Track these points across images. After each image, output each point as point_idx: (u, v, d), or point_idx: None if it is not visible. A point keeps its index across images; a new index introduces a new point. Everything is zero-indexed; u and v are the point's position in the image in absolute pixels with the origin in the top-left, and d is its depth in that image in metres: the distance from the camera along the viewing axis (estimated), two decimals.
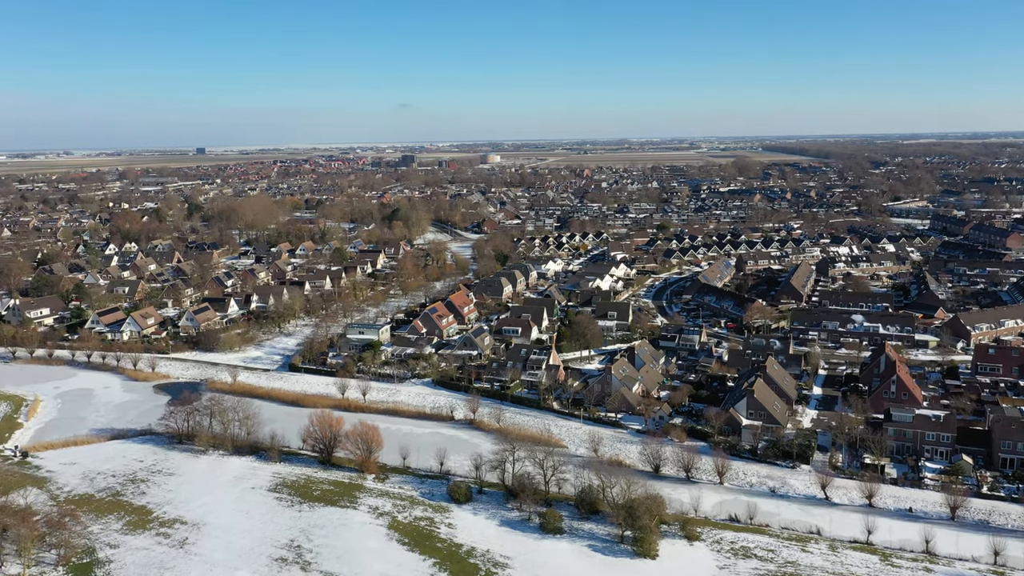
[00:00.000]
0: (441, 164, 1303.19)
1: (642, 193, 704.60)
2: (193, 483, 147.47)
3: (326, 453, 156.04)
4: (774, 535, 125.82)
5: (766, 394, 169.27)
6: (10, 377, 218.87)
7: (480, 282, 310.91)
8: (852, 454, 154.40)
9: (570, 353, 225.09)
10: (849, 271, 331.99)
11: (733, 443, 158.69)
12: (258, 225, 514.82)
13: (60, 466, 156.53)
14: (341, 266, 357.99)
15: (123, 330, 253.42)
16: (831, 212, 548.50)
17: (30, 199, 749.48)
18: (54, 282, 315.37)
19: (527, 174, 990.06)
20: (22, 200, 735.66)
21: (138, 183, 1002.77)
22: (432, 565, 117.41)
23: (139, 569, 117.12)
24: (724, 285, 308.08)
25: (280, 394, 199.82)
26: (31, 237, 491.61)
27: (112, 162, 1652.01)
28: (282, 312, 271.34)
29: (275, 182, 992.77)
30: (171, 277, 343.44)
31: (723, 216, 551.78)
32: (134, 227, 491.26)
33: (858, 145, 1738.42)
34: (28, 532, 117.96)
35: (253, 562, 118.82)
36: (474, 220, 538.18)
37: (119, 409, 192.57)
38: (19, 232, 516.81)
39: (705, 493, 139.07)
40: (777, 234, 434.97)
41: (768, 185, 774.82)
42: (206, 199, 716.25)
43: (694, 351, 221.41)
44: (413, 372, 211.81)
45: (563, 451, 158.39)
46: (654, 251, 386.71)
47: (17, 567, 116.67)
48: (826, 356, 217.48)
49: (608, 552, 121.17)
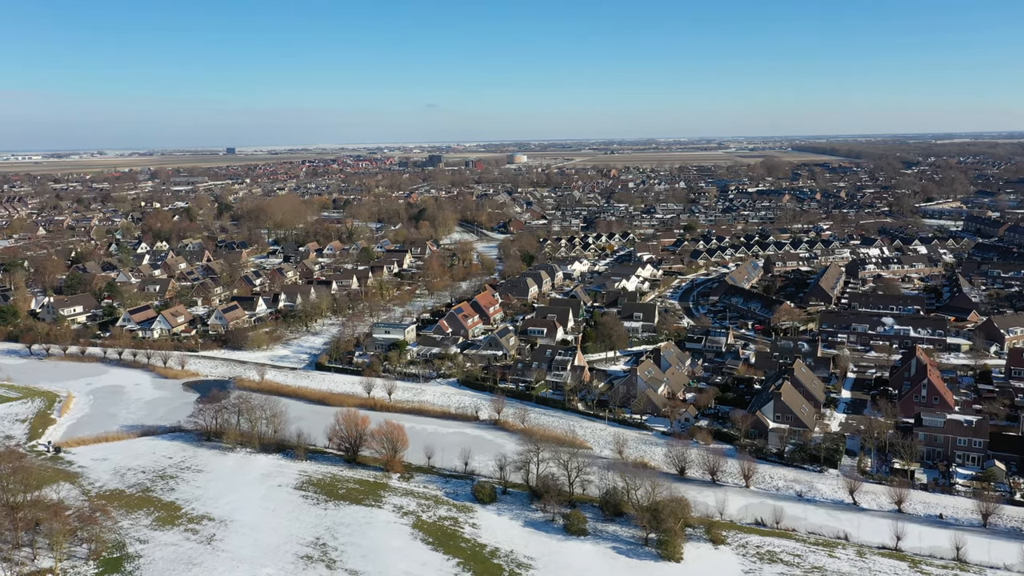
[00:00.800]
0: (468, 164, 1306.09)
1: (669, 193, 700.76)
2: (221, 480, 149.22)
3: (352, 452, 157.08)
4: (800, 540, 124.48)
5: (793, 397, 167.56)
6: (44, 373, 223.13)
7: (506, 282, 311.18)
8: (881, 459, 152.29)
9: (595, 354, 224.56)
10: (880, 273, 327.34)
11: (759, 446, 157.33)
12: (287, 224, 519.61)
13: (92, 462, 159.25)
14: (368, 266, 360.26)
15: (154, 328, 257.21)
16: (861, 213, 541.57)
17: (64, 198, 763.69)
18: (87, 280, 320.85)
19: (554, 174, 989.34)
20: (57, 199, 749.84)
21: (169, 183, 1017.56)
22: (456, 565, 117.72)
23: (167, 564, 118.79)
24: (752, 287, 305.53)
25: (307, 392, 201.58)
26: (65, 236, 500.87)
27: (144, 162, 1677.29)
28: (309, 311, 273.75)
29: (304, 182, 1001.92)
30: (201, 276, 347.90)
31: (751, 217, 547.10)
32: (165, 226, 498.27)
33: (889, 145, 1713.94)
34: (60, 526, 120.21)
35: (279, 559, 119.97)
36: (500, 220, 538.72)
37: (149, 406, 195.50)
38: (54, 231, 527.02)
39: (731, 496, 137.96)
40: (806, 235, 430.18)
41: (797, 185, 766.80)
42: (236, 199, 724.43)
43: (720, 353, 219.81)
44: (438, 372, 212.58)
45: (588, 452, 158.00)
46: (681, 252, 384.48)
47: (49, 561, 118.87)
48: (855, 359, 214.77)
49: (632, 554, 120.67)
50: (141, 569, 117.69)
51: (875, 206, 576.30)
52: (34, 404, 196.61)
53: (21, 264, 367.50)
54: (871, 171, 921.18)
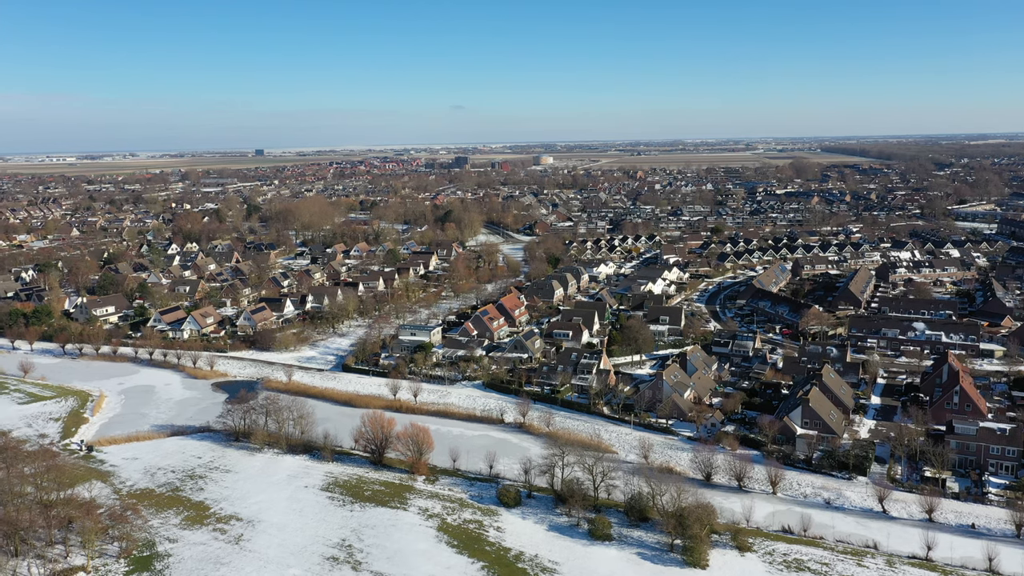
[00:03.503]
0: (494, 165, 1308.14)
1: (696, 195, 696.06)
2: (249, 481, 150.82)
3: (377, 454, 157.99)
4: (828, 548, 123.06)
5: (822, 403, 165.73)
6: (77, 373, 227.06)
7: (531, 285, 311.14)
8: (912, 467, 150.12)
9: (621, 357, 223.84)
10: (911, 277, 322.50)
11: (787, 452, 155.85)
12: (314, 226, 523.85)
13: (123, 460, 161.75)
14: (394, 267, 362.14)
15: (184, 328, 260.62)
16: (892, 215, 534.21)
17: (98, 199, 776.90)
18: (119, 281, 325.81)
19: (580, 176, 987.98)
20: (90, 200, 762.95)
21: (199, 184, 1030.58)
22: (481, 568, 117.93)
23: (196, 564, 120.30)
24: (779, 290, 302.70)
25: (333, 394, 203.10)
26: (98, 237, 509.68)
27: (175, 163, 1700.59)
28: (336, 313, 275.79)
29: (331, 183, 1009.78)
30: (230, 277, 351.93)
31: (779, 219, 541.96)
32: (195, 227, 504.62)
33: (921, 146, 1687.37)
34: (92, 524, 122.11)
35: (305, 560, 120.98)
36: (526, 222, 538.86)
37: (179, 406, 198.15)
38: (87, 232, 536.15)
39: (757, 503, 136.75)
40: (835, 238, 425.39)
41: (827, 187, 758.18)
42: (264, 200, 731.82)
43: (748, 357, 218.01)
44: (464, 374, 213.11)
45: (613, 457, 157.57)
46: (708, 255, 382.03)
47: (81, 558, 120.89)
48: (885, 365, 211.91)
49: (657, 560, 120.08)
50: (171, 568, 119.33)
51: (906, 208, 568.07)
52: (67, 403, 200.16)
53: (55, 265, 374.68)
54: (902, 173, 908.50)
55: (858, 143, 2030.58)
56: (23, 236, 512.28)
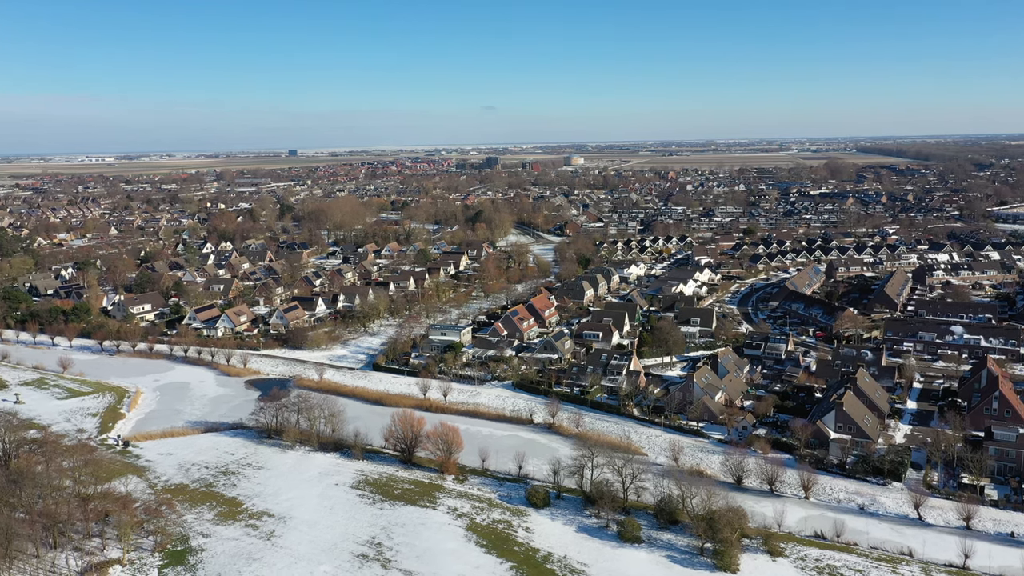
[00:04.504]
0: (524, 166, 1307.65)
1: (728, 196, 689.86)
2: (280, 477, 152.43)
3: (407, 452, 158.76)
4: (862, 554, 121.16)
5: (856, 407, 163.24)
6: (114, 369, 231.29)
7: (561, 285, 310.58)
8: (949, 473, 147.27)
9: (651, 359, 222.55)
10: (949, 279, 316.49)
11: (820, 457, 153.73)
12: (346, 226, 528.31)
13: (158, 456, 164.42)
14: (425, 267, 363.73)
15: (218, 326, 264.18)
16: (930, 217, 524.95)
17: (135, 199, 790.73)
18: (155, 279, 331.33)
19: (611, 176, 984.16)
20: (128, 200, 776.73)
21: (234, 184, 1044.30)
22: (509, 569, 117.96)
23: (229, 559, 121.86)
24: (813, 292, 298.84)
25: (364, 393, 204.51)
26: (135, 235, 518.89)
27: (210, 164, 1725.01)
28: (367, 312, 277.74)
29: (363, 183, 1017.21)
30: (263, 276, 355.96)
31: (813, 220, 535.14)
32: (230, 227, 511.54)
33: (960, 146, 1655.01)
34: (128, 518, 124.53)
35: (336, 557, 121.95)
36: (556, 223, 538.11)
37: (213, 403, 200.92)
38: (125, 231, 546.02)
39: (789, 507, 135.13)
40: (871, 240, 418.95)
41: (862, 188, 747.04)
42: (297, 200, 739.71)
43: (780, 360, 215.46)
44: (493, 374, 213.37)
45: (642, 459, 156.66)
46: (740, 256, 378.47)
47: (117, 551, 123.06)
48: (922, 369, 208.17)
49: (687, 564, 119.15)
50: (204, 562, 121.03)
51: (945, 210, 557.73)
52: (105, 399, 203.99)
53: (94, 263, 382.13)
54: (940, 173, 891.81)
55: (895, 143, 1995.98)
56: (63, 235, 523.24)
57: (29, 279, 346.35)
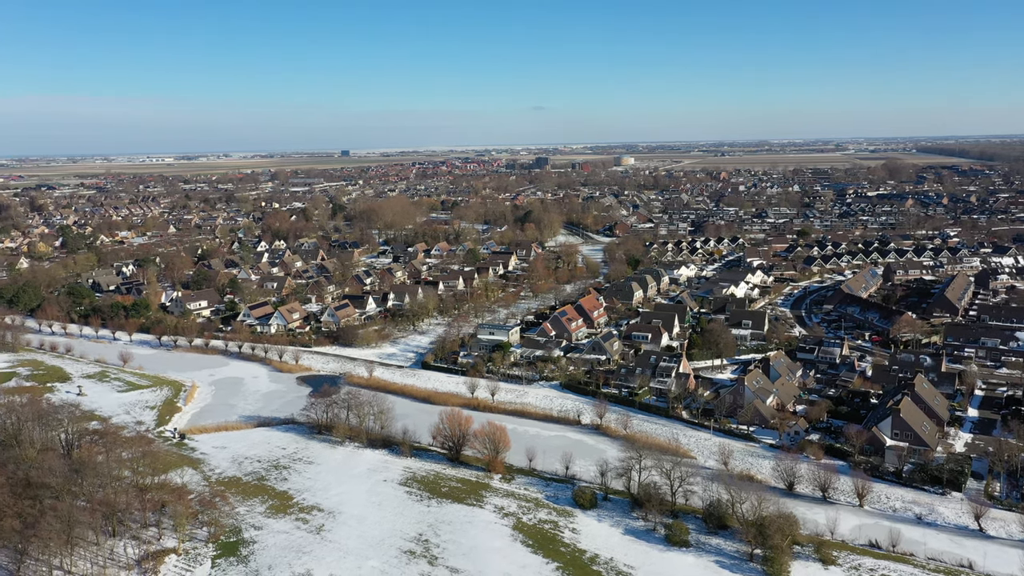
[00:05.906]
0: (574, 166, 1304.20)
1: (782, 197, 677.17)
2: (330, 473, 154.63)
3: (454, 451, 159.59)
4: (919, 565, 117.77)
5: (914, 413, 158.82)
6: (171, 364, 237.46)
7: (610, 286, 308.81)
8: (1012, 483, 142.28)
9: (701, 361, 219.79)
10: (1013, 284, 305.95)
11: (875, 464, 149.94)
12: (396, 225, 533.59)
13: (212, 449, 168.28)
14: (474, 267, 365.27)
15: (271, 323, 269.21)
16: (994, 219, 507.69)
17: (193, 198, 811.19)
18: (212, 276, 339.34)
19: (661, 177, 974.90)
20: (186, 199, 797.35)
21: (288, 184, 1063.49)
22: (555, 569, 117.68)
23: (279, 551, 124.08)
24: (869, 296, 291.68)
25: (412, 390, 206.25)
26: (193, 234, 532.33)
27: (265, 164, 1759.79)
28: (416, 311, 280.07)
29: (413, 183, 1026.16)
30: (315, 274, 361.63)
31: (870, 222, 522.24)
32: (283, 226, 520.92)
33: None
34: (184, 509, 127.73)
35: (383, 553, 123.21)
36: (606, 223, 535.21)
37: (265, 398, 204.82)
38: (183, 229, 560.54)
39: (843, 515, 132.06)
40: (931, 242, 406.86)
41: (922, 189, 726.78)
42: (349, 200, 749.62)
43: (834, 364, 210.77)
44: (541, 374, 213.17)
45: (691, 462, 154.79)
46: (793, 258, 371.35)
47: (173, 541, 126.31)
48: (984, 376, 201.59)
49: (736, 570, 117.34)
50: (255, 554, 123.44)
51: (1009, 212, 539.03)
52: (162, 392, 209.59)
53: (153, 260, 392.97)
54: (1005, 174, 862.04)
55: (957, 143, 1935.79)
56: (124, 232, 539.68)
57: (92, 275, 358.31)
